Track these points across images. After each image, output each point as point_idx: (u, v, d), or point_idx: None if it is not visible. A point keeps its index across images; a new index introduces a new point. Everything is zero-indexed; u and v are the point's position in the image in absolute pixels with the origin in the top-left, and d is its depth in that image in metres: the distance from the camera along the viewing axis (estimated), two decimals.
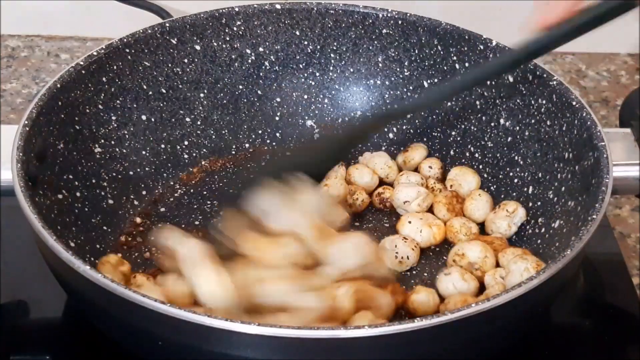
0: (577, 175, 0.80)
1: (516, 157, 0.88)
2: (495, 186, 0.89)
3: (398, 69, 0.95)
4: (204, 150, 0.93)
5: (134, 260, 0.82)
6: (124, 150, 0.88)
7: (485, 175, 0.90)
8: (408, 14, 0.92)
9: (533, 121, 0.86)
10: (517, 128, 0.88)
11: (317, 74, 0.96)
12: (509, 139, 0.89)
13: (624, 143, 0.83)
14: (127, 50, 0.88)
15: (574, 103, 0.81)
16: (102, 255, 0.79)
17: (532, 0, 0.72)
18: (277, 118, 0.97)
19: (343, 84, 0.97)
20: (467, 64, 0.91)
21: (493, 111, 0.90)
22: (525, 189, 0.86)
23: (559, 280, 0.67)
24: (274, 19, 0.93)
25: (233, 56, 0.94)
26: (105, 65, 0.86)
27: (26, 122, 0.76)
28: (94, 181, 0.84)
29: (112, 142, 0.87)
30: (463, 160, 0.92)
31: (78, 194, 0.81)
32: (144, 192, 0.88)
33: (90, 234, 0.80)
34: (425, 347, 0.63)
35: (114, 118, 0.88)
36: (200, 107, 0.94)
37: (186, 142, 0.93)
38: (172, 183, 0.90)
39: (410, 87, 0.95)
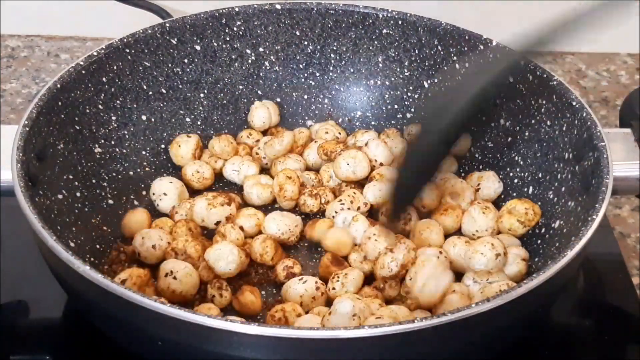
0: (577, 175, 0.80)
1: (516, 157, 0.88)
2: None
3: (398, 69, 0.95)
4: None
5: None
6: (124, 150, 0.88)
7: None
8: (408, 14, 0.92)
9: (533, 121, 0.86)
10: (517, 128, 0.88)
11: (317, 74, 0.96)
12: (509, 139, 0.89)
13: (624, 143, 0.83)
14: (127, 50, 0.88)
15: (574, 103, 0.81)
16: (102, 255, 0.80)
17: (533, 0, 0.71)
18: None
19: (343, 84, 0.97)
20: (467, 64, 0.90)
21: (493, 111, 0.90)
22: (525, 189, 0.86)
23: (559, 280, 0.67)
24: (274, 19, 0.94)
25: (233, 56, 0.94)
26: (105, 65, 0.86)
27: (26, 122, 0.76)
28: (94, 181, 0.84)
29: (112, 142, 0.87)
30: (463, 161, 0.92)
31: (78, 194, 0.81)
32: (144, 192, 0.88)
33: (90, 234, 0.80)
34: (425, 347, 0.63)
35: (114, 118, 0.88)
36: (200, 107, 0.94)
37: None
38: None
39: (411, 87, 0.95)
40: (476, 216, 0.83)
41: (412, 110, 0.95)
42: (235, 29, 0.93)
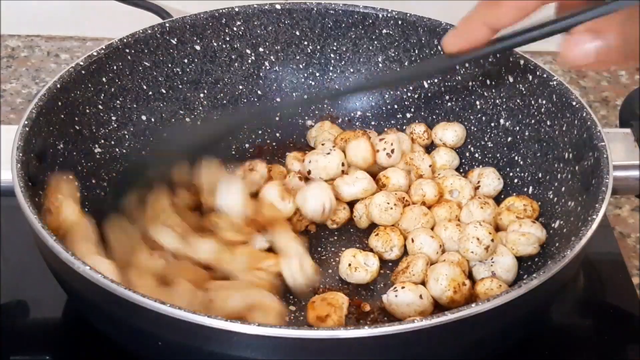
0: (577, 175, 0.80)
1: (516, 157, 0.88)
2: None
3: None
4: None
5: None
6: (124, 150, 0.88)
7: None
8: (408, 14, 0.92)
9: (533, 121, 0.86)
10: (517, 128, 0.88)
11: (317, 74, 0.96)
12: (509, 139, 0.89)
13: (624, 143, 0.83)
14: (127, 50, 0.88)
15: (574, 103, 0.81)
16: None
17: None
18: (277, 118, 0.96)
19: (343, 84, 0.97)
20: (467, 64, 0.91)
21: (493, 111, 0.90)
22: (525, 189, 0.86)
23: (559, 280, 0.67)
24: (274, 19, 0.94)
25: (233, 56, 0.94)
26: (105, 65, 0.86)
27: (26, 122, 0.76)
28: (94, 181, 0.84)
29: (112, 142, 0.87)
30: (463, 160, 0.92)
31: (78, 194, 0.81)
32: None
33: None
34: (425, 347, 0.63)
35: (114, 118, 0.88)
36: (200, 107, 0.94)
37: None
38: None
39: (411, 87, 0.95)
40: (474, 210, 0.83)
41: (412, 110, 0.95)
42: (235, 29, 0.93)
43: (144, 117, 0.90)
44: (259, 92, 0.96)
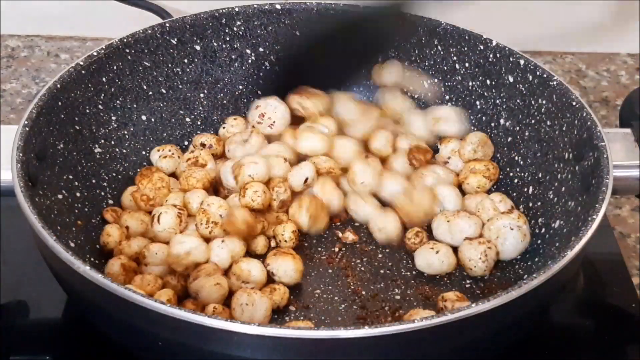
0: (577, 175, 0.80)
1: (516, 157, 0.88)
2: (495, 186, 0.89)
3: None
4: None
5: None
6: (124, 150, 0.88)
7: None
8: (408, 14, 0.92)
9: (533, 121, 0.86)
10: (517, 128, 0.88)
11: None
12: (509, 139, 0.89)
13: (624, 143, 0.83)
14: (127, 50, 0.88)
15: (574, 103, 0.81)
16: (102, 255, 0.80)
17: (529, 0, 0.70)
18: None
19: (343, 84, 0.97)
20: (467, 64, 0.91)
21: (493, 111, 0.90)
22: (525, 189, 0.86)
23: (559, 280, 0.67)
24: (274, 19, 0.94)
25: (233, 56, 0.94)
26: (105, 65, 0.86)
27: (26, 122, 0.76)
28: (94, 181, 0.84)
29: (112, 142, 0.87)
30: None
31: (78, 194, 0.81)
32: None
33: (90, 234, 0.80)
34: (425, 347, 0.63)
35: (114, 118, 0.88)
36: (200, 107, 0.94)
37: (186, 143, 0.93)
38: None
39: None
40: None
41: None
42: (235, 29, 0.93)
43: (144, 117, 0.90)
44: (259, 92, 0.96)
